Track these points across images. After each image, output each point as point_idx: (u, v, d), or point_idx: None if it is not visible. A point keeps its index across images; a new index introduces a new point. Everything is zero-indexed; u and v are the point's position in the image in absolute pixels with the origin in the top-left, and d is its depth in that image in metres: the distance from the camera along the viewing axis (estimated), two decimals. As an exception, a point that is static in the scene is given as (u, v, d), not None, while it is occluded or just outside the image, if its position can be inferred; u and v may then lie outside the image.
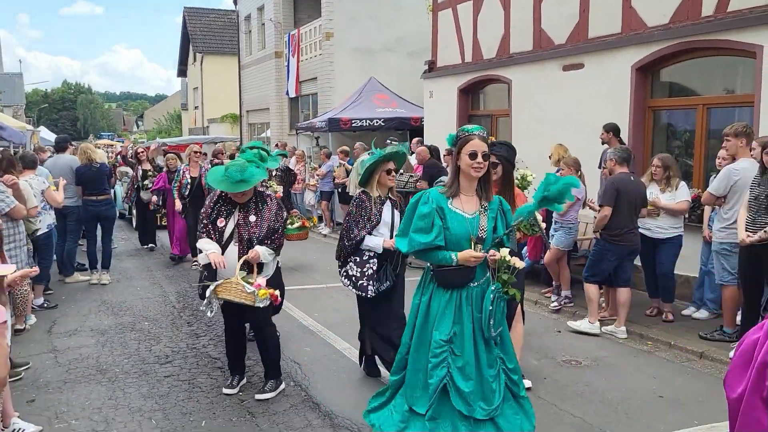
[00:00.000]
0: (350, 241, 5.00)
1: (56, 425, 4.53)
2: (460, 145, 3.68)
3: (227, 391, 5.09)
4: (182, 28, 38.72)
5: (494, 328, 3.64)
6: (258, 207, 4.91)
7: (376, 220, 4.97)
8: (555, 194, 3.74)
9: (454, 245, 3.62)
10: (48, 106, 77.68)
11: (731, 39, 7.15)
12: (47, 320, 7.13)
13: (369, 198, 5.03)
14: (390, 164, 5.02)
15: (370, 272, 4.99)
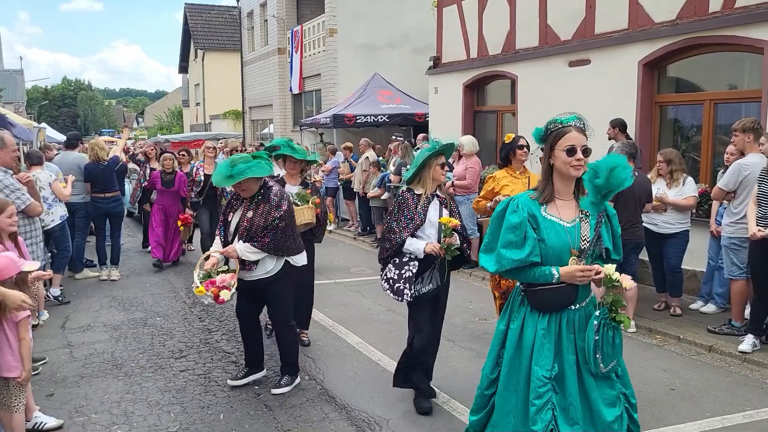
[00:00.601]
0: (391, 244, 4.63)
1: (77, 419, 4.59)
2: (553, 140, 3.06)
3: (231, 382, 5.17)
4: (183, 24, 38.72)
5: (604, 362, 2.98)
6: (257, 203, 4.88)
7: (419, 220, 4.56)
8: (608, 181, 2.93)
9: (552, 260, 3.01)
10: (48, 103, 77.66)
11: (738, 35, 7.19)
12: (60, 316, 7.19)
13: (413, 196, 4.64)
14: (443, 157, 4.65)
15: (408, 275, 4.57)
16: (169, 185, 9.83)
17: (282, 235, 4.86)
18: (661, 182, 6.95)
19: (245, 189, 4.85)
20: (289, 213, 5.00)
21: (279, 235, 4.84)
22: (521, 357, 3.07)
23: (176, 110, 54.97)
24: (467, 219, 9.50)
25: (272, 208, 4.83)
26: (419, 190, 4.66)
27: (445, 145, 4.66)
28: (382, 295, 8.16)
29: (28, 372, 3.94)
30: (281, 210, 4.86)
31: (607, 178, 2.91)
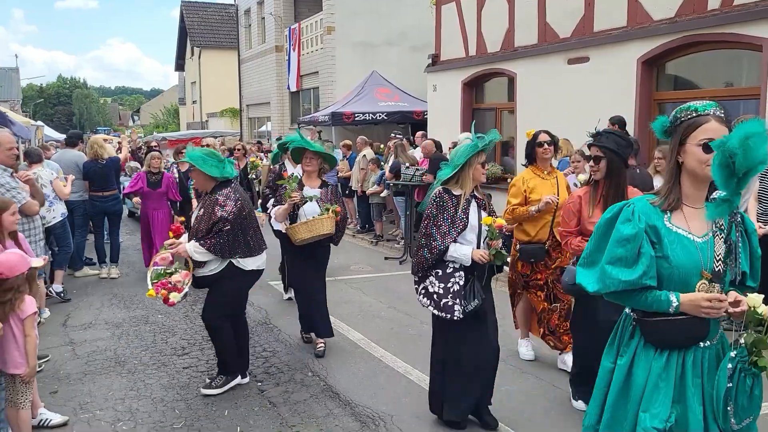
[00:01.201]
0: (432, 252, 4.11)
1: (81, 415, 4.61)
2: (684, 132, 2.43)
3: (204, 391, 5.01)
4: (180, 22, 38.65)
5: (736, 417, 2.39)
6: (206, 202, 4.82)
7: (462, 224, 4.10)
8: (745, 156, 2.21)
9: (676, 284, 2.41)
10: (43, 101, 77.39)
11: (737, 32, 7.23)
12: (61, 314, 7.19)
13: (451, 197, 4.18)
14: (484, 155, 4.24)
15: (456, 288, 4.08)
16: (155, 186, 9.01)
17: (228, 237, 4.70)
18: (659, 179, 6.98)
19: (195, 180, 5.05)
20: (239, 213, 4.76)
21: (224, 236, 4.69)
22: (628, 402, 2.49)
23: (172, 108, 54.88)
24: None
25: (217, 207, 4.71)
26: (457, 191, 4.20)
27: (488, 143, 4.23)
28: (383, 291, 8.27)
29: (32, 369, 3.95)
30: (225, 210, 4.70)
31: (744, 151, 2.21)
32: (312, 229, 5.44)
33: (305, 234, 5.43)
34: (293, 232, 5.49)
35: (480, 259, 4.08)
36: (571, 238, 4.34)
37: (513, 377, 5.36)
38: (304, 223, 5.45)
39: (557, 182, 5.32)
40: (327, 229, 5.47)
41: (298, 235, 5.46)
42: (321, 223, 5.45)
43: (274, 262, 9.69)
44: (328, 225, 5.48)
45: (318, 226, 5.45)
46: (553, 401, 4.88)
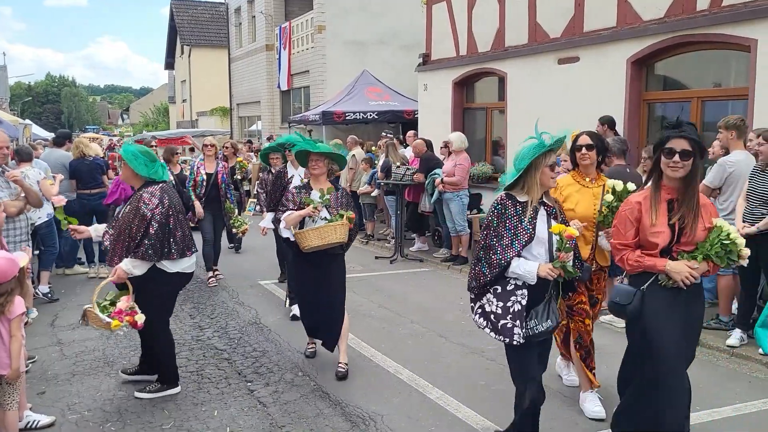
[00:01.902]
0: (492, 267, 3.57)
1: (69, 416, 4.57)
2: None
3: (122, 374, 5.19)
4: (170, 20, 38.50)
5: None
6: (135, 197, 4.68)
7: (527, 235, 3.55)
8: None
9: None
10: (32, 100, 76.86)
11: (726, 33, 7.27)
12: (49, 314, 7.13)
13: (516, 204, 3.63)
14: (553, 156, 3.71)
15: (518, 308, 3.55)
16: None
17: (156, 239, 4.54)
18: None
19: (123, 173, 4.90)
20: (166, 213, 4.60)
21: (153, 239, 4.53)
22: None
23: (162, 107, 54.66)
24: (457, 215, 9.56)
25: (141, 203, 4.57)
26: (523, 198, 3.64)
27: (555, 141, 3.68)
28: (373, 291, 8.26)
29: (15, 370, 3.88)
30: (148, 207, 4.56)
31: None
32: (323, 236, 5.03)
33: (316, 241, 5.02)
34: (302, 238, 5.06)
35: (548, 276, 3.50)
36: (628, 253, 3.65)
37: (503, 376, 5.32)
38: (315, 229, 5.06)
39: (603, 192, 4.43)
40: (339, 237, 5.06)
41: (308, 242, 5.03)
42: (333, 230, 5.05)
43: (264, 263, 9.70)
44: (341, 233, 5.06)
45: (330, 234, 5.05)
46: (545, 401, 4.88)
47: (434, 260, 10.02)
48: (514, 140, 10.60)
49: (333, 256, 5.33)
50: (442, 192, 9.58)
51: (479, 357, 5.82)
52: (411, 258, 10.24)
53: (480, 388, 5.11)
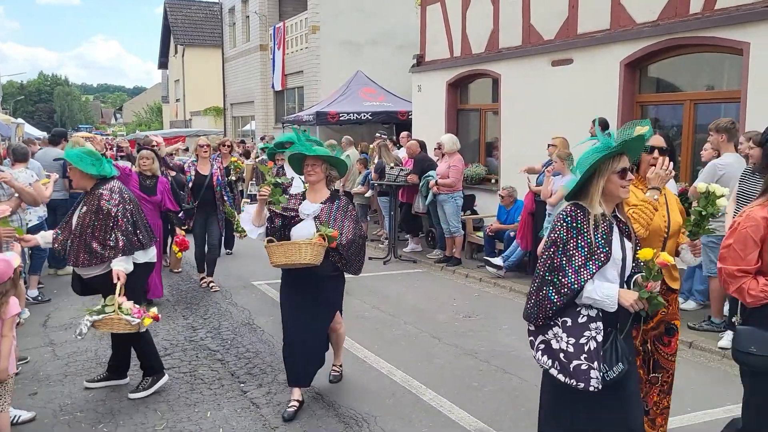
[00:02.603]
0: (561, 292, 2.93)
1: (61, 417, 4.56)
2: None
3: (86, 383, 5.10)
4: (163, 19, 38.39)
5: None
6: (92, 196, 4.69)
7: (604, 255, 2.94)
8: None
9: None
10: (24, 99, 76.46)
11: (719, 36, 7.30)
12: (41, 314, 7.10)
13: (587, 216, 2.98)
14: (625, 160, 3.01)
15: (593, 345, 2.90)
16: (150, 193, 7.42)
17: (126, 231, 4.64)
18: None
19: (73, 178, 4.82)
20: (126, 206, 4.69)
21: (125, 232, 4.63)
22: None
23: (155, 106, 54.52)
24: (451, 216, 9.58)
25: (103, 201, 4.62)
26: (596, 209, 2.98)
27: (625, 142, 2.98)
28: (366, 292, 8.27)
29: (2, 370, 3.86)
30: (111, 202, 4.63)
31: None
32: (288, 254, 4.26)
33: (281, 258, 4.30)
34: (269, 252, 4.36)
35: (632, 306, 2.91)
36: (749, 281, 3.03)
37: (496, 378, 5.38)
38: (281, 244, 4.32)
39: (666, 201, 3.66)
40: (306, 258, 4.22)
41: (274, 258, 4.35)
42: (299, 249, 4.24)
43: (257, 264, 9.66)
44: (310, 253, 4.23)
45: (295, 252, 4.25)
46: (536, 401, 4.88)
47: (428, 261, 10.03)
48: (508, 142, 10.63)
49: (321, 280, 4.54)
50: (436, 193, 9.59)
51: (472, 358, 5.83)
52: (404, 259, 10.24)
53: (473, 390, 5.12)
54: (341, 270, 4.67)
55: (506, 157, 10.70)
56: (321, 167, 4.51)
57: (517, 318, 6.93)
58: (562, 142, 8.03)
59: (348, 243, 4.48)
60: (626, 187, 3.00)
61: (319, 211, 4.50)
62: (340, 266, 4.59)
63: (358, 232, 4.57)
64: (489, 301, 7.86)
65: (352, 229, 4.53)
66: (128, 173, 7.21)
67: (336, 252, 4.47)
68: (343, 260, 4.55)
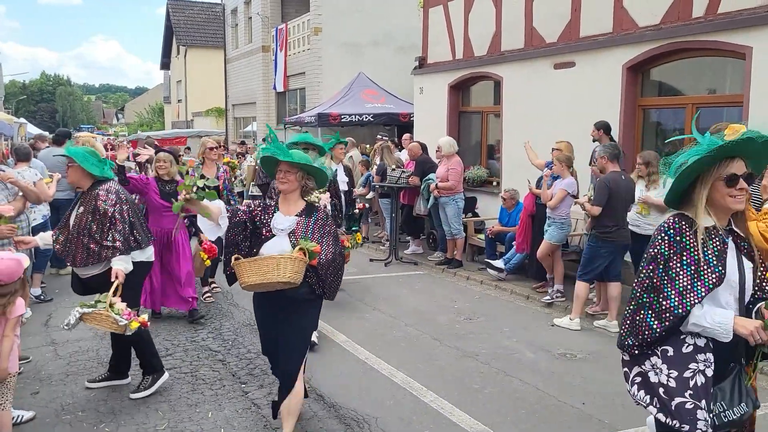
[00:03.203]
0: (663, 317, 2.55)
1: (63, 417, 4.56)
2: None
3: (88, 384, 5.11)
4: (166, 20, 38.42)
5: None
6: (88, 196, 4.73)
7: (716, 275, 2.54)
8: None
9: None
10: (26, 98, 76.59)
11: (721, 40, 7.31)
12: (43, 314, 7.11)
13: (693, 229, 2.59)
14: (736, 165, 2.57)
15: (701, 381, 2.52)
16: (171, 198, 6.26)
17: (124, 231, 4.69)
18: (642, 183, 7.05)
19: (71, 175, 4.79)
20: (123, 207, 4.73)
21: (123, 231, 4.67)
22: None
23: (157, 107, 54.53)
24: (453, 218, 9.58)
25: (100, 201, 4.66)
26: (704, 221, 2.59)
27: (736, 141, 2.52)
28: (368, 294, 8.27)
29: (2, 370, 3.86)
30: (108, 203, 4.66)
31: None
32: (264, 271, 3.63)
33: (254, 278, 3.67)
34: (239, 271, 3.72)
35: (751, 336, 2.48)
36: None
37: (497, 380, 5.38)
38: (254, 261, 3.71)
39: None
40: (285, 276, 3.62)
41: (245, 278, 3.69)
42: (277, 265, 3.62)
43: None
44: (289, 270, 3.62)
45: (272, 269, 3.62)
46: (537, 404, 4.91)
47: (429, 263, 10.03)
48: (510, 144, 10.63)
49: (296, 303, 3.94)
50: (437, 196, 9.61)
51: (473, 360, 5.84)
52: (405, 261, 10.25)
53: (474, 392, 5.13)
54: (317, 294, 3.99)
55: (508, 160, 10.71)
56: (295, 175, 3.88)
57: (518, 320, 7.00)
58: (567, 146, 8.04)
59: (327, 262, 3.89)
60: (737, 197, 2.53)
61: (294, 226, 3.88)
62: (316, 288, 3.93)
63: (337, 250, 3.99)
64: (490, 304, 7.87)
65: (332, 247, 3.94)
66: (145, 182, 6.76)
67: (314, 272, 3.85)
68: (321, 282, 3.91)
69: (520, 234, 8.48)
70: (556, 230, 7.59)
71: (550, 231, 7.63)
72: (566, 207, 7.59)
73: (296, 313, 3.97)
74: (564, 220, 7.64)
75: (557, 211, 7.53)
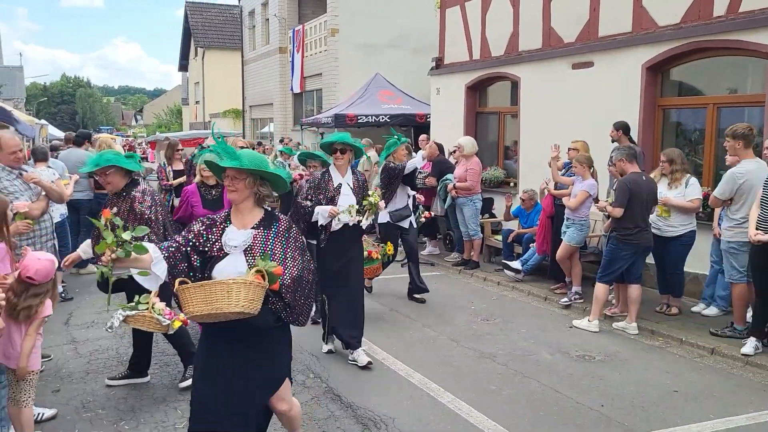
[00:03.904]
0: None
1: (84, 414, 4.61)
2: None
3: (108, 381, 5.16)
4: (184, 22, 38.76)
5: None
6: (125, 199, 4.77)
7: None
8: None
9: None
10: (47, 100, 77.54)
11: (742, 39, 7.22)
12: (64, 312, 7.19)
13: None
14: None
15: None
16: (217, 206, 5.84)
17: (159, 232, 4.74)
18: (664, 182, 6.97)
19: (112, 183, 4.79)
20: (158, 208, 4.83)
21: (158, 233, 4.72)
22: None
23: (175, 108, 55.00)
24: (470, 219, 9.55)
25: (137, 203, 4.72)
26: None
27: None
28: (385, 294, 8.26)
29: (21, 368, 3.90)
30: (144, 205, 4.75)
31: None
32: (212, 299, 2.99)
33: (200, 307, 3.01)
34: (183, 298, 3.06)
35: None
36: None
37: (515, 382, 5.36)
38: (200, 286, 3.04)
39: None
40: (237, 306, 2.97)
41: (189, 307, 3.04)
42: (228, 292, 2.98)
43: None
44: (243, 298, 2.98)
45: (222, 297, 2.98)
46: (555, 406, 4.88)
47: (445, 264, 10.01)
48: (527, 145, 10.58)
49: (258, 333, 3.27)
50: (455, 197, 9.58)
51: (491, 361, 5.81)
52: (422, 262, 10.21)
53: (491, 393, 5.10)
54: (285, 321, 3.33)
55: (525, 161, 10.66)
56: (244, 182, 3.25)
57: (536, 322, 6.97)
58: (583, 145, 7.97)
59: (293, 283, 3.22)
60: None
61: (250, 240, 3.25)
62: (283, 316, 3.27)
63: (305, 266, 3.33)
64: (507, 305, 7.83)
65: (299, 263, 3.29)
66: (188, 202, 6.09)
67: (277, 296, 3.20)
68: (287, 307, 3.25)
69: (540, 235, 8.42)
70: (576, 232, 7.53)
71: (569, 233, 7.57)
72: (586, 208, 7.53)
73: (257, 348, 3.28)
74: (584, 222, 7.58)
75: (577, 213, 7.48)
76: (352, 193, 5.62)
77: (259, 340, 3.28)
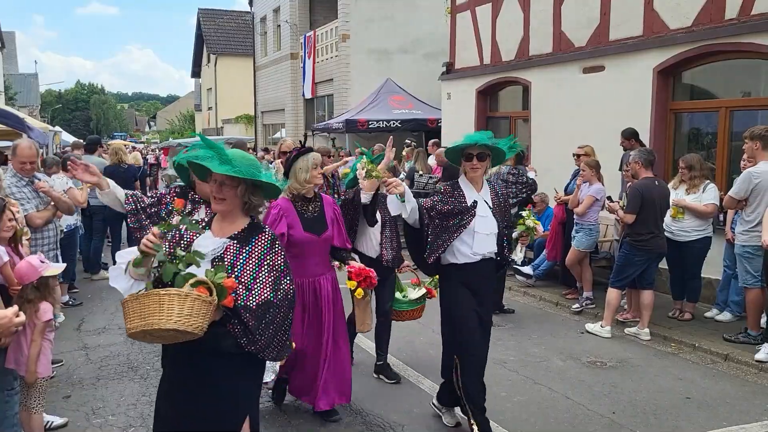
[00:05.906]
0: None
1: (94, 420, 4.63)
2: None
3: None
4: (196, 29, 39.00)
5: None
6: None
7: None
8: None
9: None
10: (62, 107, 78.27)
11: (755, 42, 7.16)
12: (75, 318, 7.24)
13: None
14: None
15: None
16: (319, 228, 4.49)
17: None
18: (682, 188, 6.90)
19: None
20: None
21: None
22: None
23: (188, 114, 55.38)
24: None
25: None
26: None
27: None
28: (395, 300, 8.21)
29: (30, 374, 3.91)
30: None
31: None
32: (145, 315, 2.52)
33: (135, 321, 2.54)
34: (124, 312, 2.61)
35: None
36: None
37: (525, 388, 5.32)
38: (138, 297, 2.56)
39: None
40: (169, 321, 2.49)
41: (126, 322, 2.58)
42: (159, 305, 2.51)
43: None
44: (176, 312, 2.50)
45: (154, 312, 2.51)
46: (566, 413, 4.83)
47: (456, 269, 9.97)
48: (538, 149, 10.55)
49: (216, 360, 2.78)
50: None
51: (501, 368, 5.77)
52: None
53: (502, 399, 5.07)
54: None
55: (536, 165, 10.59)
56: (235, 190, 2.83)
57: (547, 327, 6.93)
58: (590, 150, 7.94)
59: (258, 308, 2.74)
60: None
61: (221, 251, 2.84)
62: (243, 343, 2.73)
63: (281, 294, 2.82)
64: (518, 311, 7.78)
65: (270, 287, 2.79)
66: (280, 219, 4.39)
67: (236, 317, 2.71)
68: (248, 334, 2.72)
69: (551, 241, 8.38)
70: (585, 237, 7.49)
71: (578, 238, 7.52)
72: (594, 213, 7.48)
73: (215, 377, 2.79)
74: (592, 227, 7.53)
75: (585, 218, 7.43)
76: (492, 213, 4.23)
77: (215, 367, 2.78)
